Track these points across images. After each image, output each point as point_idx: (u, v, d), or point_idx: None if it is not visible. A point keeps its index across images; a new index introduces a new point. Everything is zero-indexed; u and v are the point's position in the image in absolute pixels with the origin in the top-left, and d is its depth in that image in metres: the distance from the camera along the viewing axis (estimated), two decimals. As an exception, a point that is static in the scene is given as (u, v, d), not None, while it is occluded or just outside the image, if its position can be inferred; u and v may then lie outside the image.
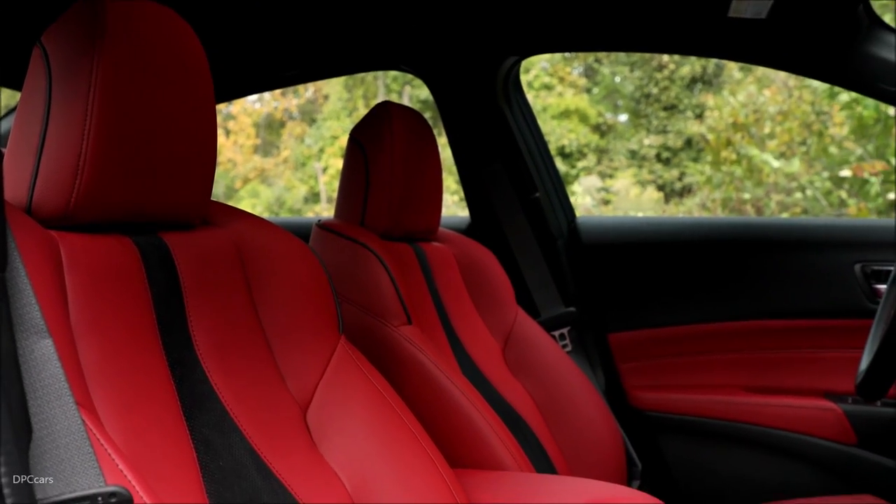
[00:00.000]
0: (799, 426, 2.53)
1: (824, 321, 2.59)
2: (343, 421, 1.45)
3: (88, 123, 1.18)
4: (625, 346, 2.77)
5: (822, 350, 2.60)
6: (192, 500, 1.15)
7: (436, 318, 2.09)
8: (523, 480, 1.77)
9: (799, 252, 2.66)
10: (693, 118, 12.59)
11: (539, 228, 2.80)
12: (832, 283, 2.59)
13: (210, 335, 1.33)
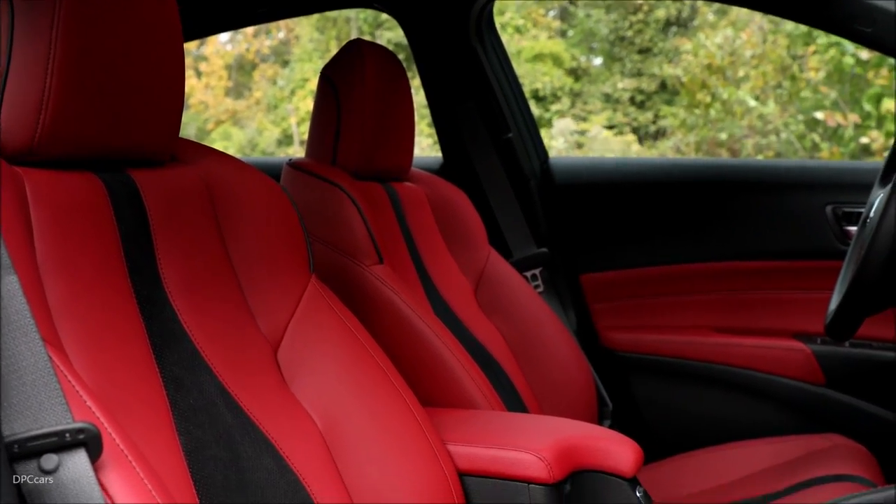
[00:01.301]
0: (768, 366, 2.55)
1: (795, 262, 2.60)
2: (314, 359, 1.45)
3: (52, 59, 1.15)
4: (596, 287, 2.78)
5: (793, 291, 2.61)
6: (162, 437, 1.15)
7: (407, 257, 2.08)
8: (494, 419, 1.78)
9: (771, 193, 2.67)
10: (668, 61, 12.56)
11: (511, 169, 2.79)
12: (803, 225, 2.60)
13: (179, 273, 1.32)
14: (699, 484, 2.17)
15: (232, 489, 1.20)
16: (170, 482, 1.08)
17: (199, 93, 14.31)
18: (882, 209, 1.60)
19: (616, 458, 1.64)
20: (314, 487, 1.32)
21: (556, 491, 1.56)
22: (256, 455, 1.27)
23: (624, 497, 1.65)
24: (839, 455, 2.11)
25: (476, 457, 1.58)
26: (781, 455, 2.20)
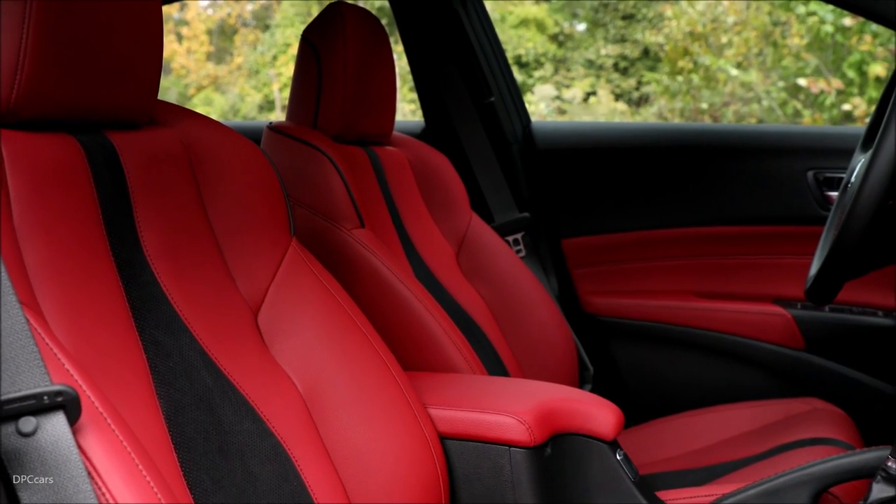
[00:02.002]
0: (749, 331, 2.56)
1: (776, 228, 2.61)
2: (295, 323, 1.45)
3: (28, 18, 1.14)
4: (578, 252, 2.78)
5: (774, 256, 2.62)
6: (141, 400, 1.14)
7: (389, 221, 2.07)
8: (476, 382, 1.78)
9: (752, 159, 2.67)
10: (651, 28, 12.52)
11: (494, 133, 2.78)
12: (785, 190, 2.60)
13: (158, 236, 1.31)
14: (679, 447, 2.18)
15: (212, 452, 1.20)
16: (149, 445, 1.08)
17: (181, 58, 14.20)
18: (863, 174, 1.60)
19: (597, 422, 1.65)
20: (295, 451, 1.32)
21: (537, 454, 1.57)
22: (237, 418, 1.27)
23: (604, 460, 1.65)
24: (818, 418, 2.12)
25: (457, 420, 1.58)
26: (761, 419, 2.21)
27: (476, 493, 1.58)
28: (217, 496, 1.16)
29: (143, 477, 0.96)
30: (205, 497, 1.15)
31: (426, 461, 1.49)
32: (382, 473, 1.42)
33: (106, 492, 0.92)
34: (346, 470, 1.39)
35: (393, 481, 1.42)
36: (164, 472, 1.06)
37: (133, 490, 0.95)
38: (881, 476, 1.48)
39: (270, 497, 1.24)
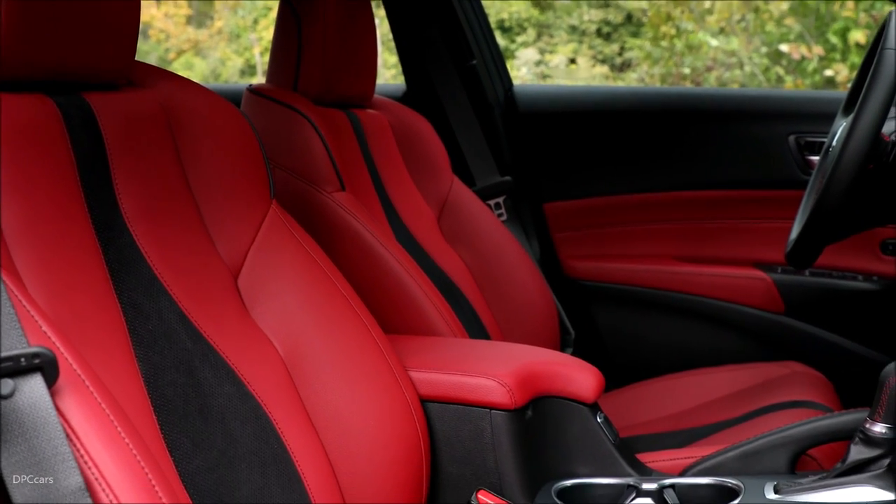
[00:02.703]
0: (729, 295, 2.57)
1: (757, 192, 2.61)
2: (275, 286, 1.44)
3: (2, -23, 1.12)
4: (560, 216, 2.78)
5: (755, 220, 2.63)
6: (120, 363, 1.14)
7: (370, 185, 2.06)
8: (457, 345, 1.78)
9: (734, 123, 2.67)
10: (634, -8, 12.47)
11: (475, 96, 2.77)
12: (766, 154, 2.60)
13: (137, 199, 1.30)
14: (659, 410, 2.19)
15: (192, 415, 1.20)
16: (128, 407, 1.07)
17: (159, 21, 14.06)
18: (844, 138, 1.60)
19: (577, 385, 1.66)
20: (275, 413, 1.32)
21: (518, 416, 1.58)
22: (217, 381, 1.27)
23: (585, 422, 1.66)
24: (797, 382, 2.14)
25: (438, 383, 1.58)
26: (740, 382, 2.22)
27: (457, 455, 1.58)
28: (197, 458, 1.16)
29: (122, 439, 0.96)
30: (185, 459, 1.14)
31: (407, 424, 1.49)
32: (363, 436, 1.42)
33: (84, 454, 0.92)
34: (326, 432, 1.39)
35: (374, 443, 1.42)
36: (144, 434, 1.06)
37: (112, 452, 0.94)
38: (859, 438, 1.49)
39: (251, 459, 1.24)
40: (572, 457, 1.67)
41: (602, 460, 1.66)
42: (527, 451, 1.60)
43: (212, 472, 1.17)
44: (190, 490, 1.12)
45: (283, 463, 1.29)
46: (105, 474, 0.92)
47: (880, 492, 1.47)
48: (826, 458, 1.72)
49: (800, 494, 1.51)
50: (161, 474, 0.98)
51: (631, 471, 1.66)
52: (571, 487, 1.64)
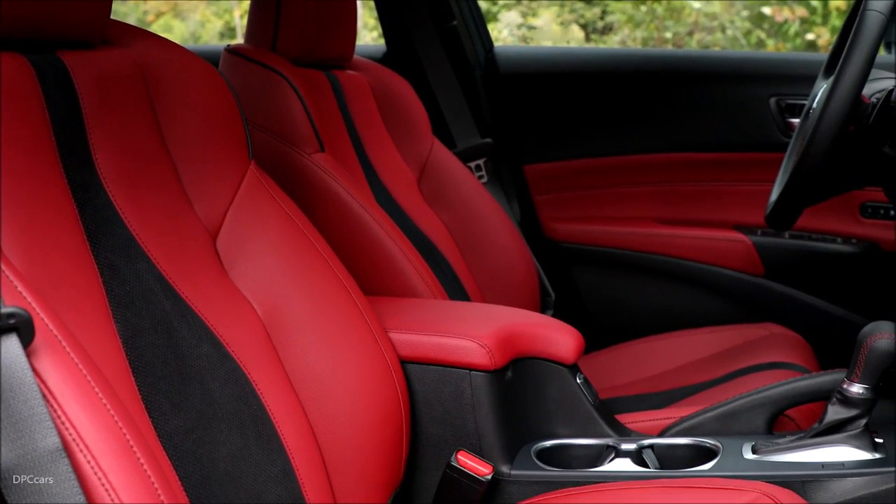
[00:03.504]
0: (709, 257, 2.58)
1: (738, 154, 2.61)
2: (254, 247, 1.43)
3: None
4: (540, 178, 2.78)
5: (735, 183, 2.63)
6: (97, 324, 1.13)
7: (349, 146, 2.05)
8: (436, 307, 1.78)
9: (715, 85, 2.67)
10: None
11: (456, 58, 2.76)
12: (747, 117, 2.60)
13: (113, 159, 1.28)
14: (639, 372, 2.20)
15: (171, 376, 1.19)
16: (106, 369, 1.07)
17: (137, -18, 13.92)
18: (824, 100, 1.60)
19: (557, 346, 1.66)
20: (254, 374, 1.32)
21: (498, 377, 1.58)
22: (195, 342, 1.26)
23: (564, 384, 1.67)
24: (776, 343, 2.15)
25: (418, 344, 1.58)
26: (720, 344, 2.23)
27: (437, 416, 1.58)
28: (175, 419, 1.16)
29: (100, 399, 0.96)
30: (163, 420, 1.14)
31: (387, 385, 1.49)
32: (342, 397, 1.42)
33: (62, 414, 0.92)
34: (306, 393, 1.39)
35: (353, 404, 1.42)
36: (122, 395, 1.05)
37: (89, 413, 0.94)
38: (836, 398, 1.50)
39: (230, 420, 1.24)
40: (552, 418, 1.68)
41: (581, 421, 1.67)
42: (506, 412, 1.60)
43: (190, 433, 1.17)
44: (168, 451, 1.12)
45: (262, 424, 1.29)
46: (82, 435, 0.92)
47: (857, 451, 1.49)
48: (804, 419, 1.73)
49: (777, 454, 1.52)
50: (139, 435, 0.98)
51: (610, 431, 1.67)
52: (551, 448, 1.65)
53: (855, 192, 2.46)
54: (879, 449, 1.50)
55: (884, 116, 1.64)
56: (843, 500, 1.43)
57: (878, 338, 1.45)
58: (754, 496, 1.32)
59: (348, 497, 1.40)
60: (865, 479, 1.44)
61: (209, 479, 1.16)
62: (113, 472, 0.92)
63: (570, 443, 1.66)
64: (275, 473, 1.27)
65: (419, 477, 1.62)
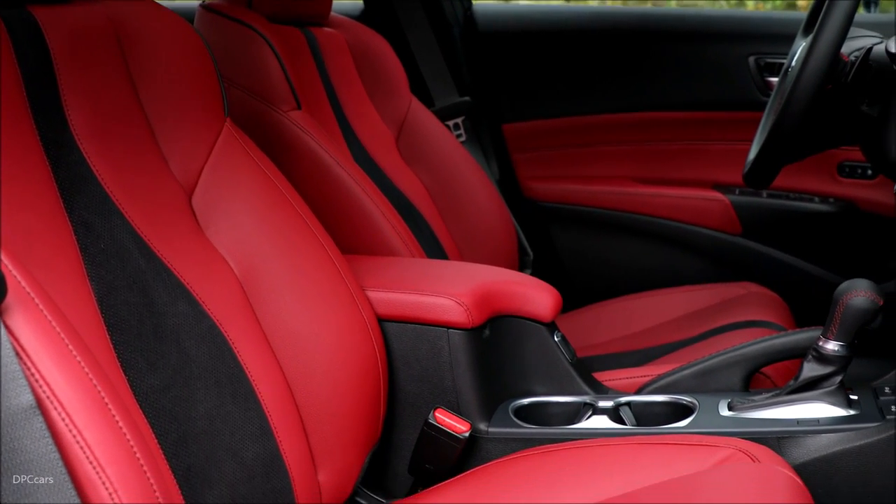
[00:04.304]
0: (687, 216, 2.58)
1: (717, 113, 2.61)
2: (230, 205, 1.42)
3: None
4: (519, 137, 2.77)
5: (714, 142, 2.63)
6: (71, 282, 1.12)
7: (327, 104, 2.04)
8: (414, 265, 1.77)
9: (694, 44, 2.66)
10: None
11: (434, 15, 2.73)
12: (726, 76, 2.60)
13: (87, 116, 1.27)
14: (617, 331, 2.21)
15: (146, 334, 1.18)
16: (81, 326, 1.06)
17: (113, -61, 13.74)
18: (803, 58, 1.59)
19: (535, 304, 1.66)
20: (231, 333, 1.31)
21: (475, 335, 1.58)
22: (171, 300, 1.25)
23: (542, 341, 1.67)
24: (753, 302, 2.16)
25: (395, 302, 1.58)
26: (697, 302, 2.24)
27: (414, 374, 1.58)
28: (152, 377, 1.15)
29: (74, 357, 0.95)
30: (139, 378, 1.13)
31: (364, 343, 1.48)
32: (320, 355, 1.41)
33: (35, 371, 0.91)
34: (283, 352, 1.39)
35: (330, 363, 1.42)
36: (97, 353, 1.04)
37: (64, 370, 0.93)
38: (812, 356, 1.51)
39: (206, 378, 1.23)
40: (529, 375, 1.68)
41: (559, 379, 1.67)
42: (484, 370, 1.60)
43: (167, 390, 1.17)
44: (145, 409, 1.12)
45: (239, 382, 1.28)
46: (56, 392, 0.91)
47: (832, 408, 1.50)
48: (779, 376, 1.74)
49: (753, 411, 1.53)
50: (114, 392, 0.97)
51: (587, 389, 1.67)
52: (528, 405, 1.66)
53: (833, 152, 2.46)
54: (854, 405, 1.51)
55: (862, 75, 1.64)
56: (817, 455, 1.44)
57: (854, 295, 1.46)
58: (730, 452, 1.33)
59: (326, 454, 1.40)
60: (840, 435, 1.45)
61: (186, 437, 1.16)
62: (88, 429, 0.92)
63: (548, 400, 1.67)
64: (252, 431, 1.27)
65: (397, 434, 1.63)
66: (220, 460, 1.20)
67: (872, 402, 1.52)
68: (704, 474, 1.30)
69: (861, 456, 1.43)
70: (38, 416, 0.88)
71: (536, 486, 1.37)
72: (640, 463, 1.36)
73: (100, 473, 0.91)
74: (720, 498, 1.22)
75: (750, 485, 1.25)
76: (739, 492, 1.24)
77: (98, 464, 0.91)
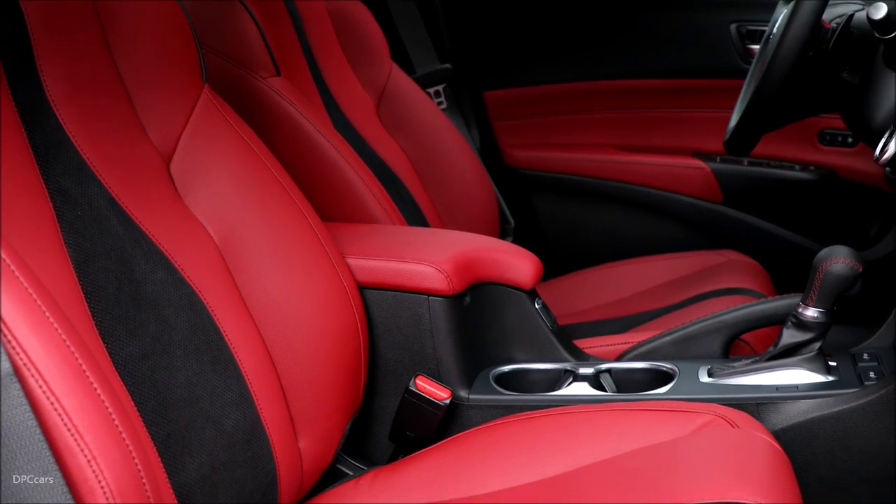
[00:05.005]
0: (668, 184, 2.58)
1: (698, 81, 2.60)
2: (208, 172, 1.41)
3: None
4: (500, 104, 2.76)
5: (695, 109, 2.62)
6: (48, 249, 1.11)
7: (306, 71, 2.02)
8: (395, 233, 1.77)
9: (676, 11, 2.64)
10: None
11: (414, -20, 2.72)
12: (708, 43, 2.58)
13: (63, 82, 1.25)
14: (598, 298, 2.21)
15: (125, 302, 1.18)
16: (58, 294, 1.05)
17: None
18: (784, 25, 1.59)
19: (515, 271, 1.66)
20: (210, 300, 1.31)
21: (456, 302, 1.58)
22: (150, 268, 1.24)
23: (523, 309, 1.67)
24: (733, 269, 2.16)
25: (376, 269, 1.57)
26: (678, 270, 2.24)
27: (395, 341, 1.58)
28: (130, 345, 1.15)
29: (51, 324, 0.94)
30: (117, 346, 1.13)
31: (345, 310, 1.48)
32: (300, 322, 1.41)
33: (11, 339, 0.90)
34: (263, 319, 1.38)
35: (311, 330, 1.42)
36: (75, 321, 1.04)
37: (41, 338, 0.93)
38: (791, 322, 1.52)
39: (186, 346, 1.23)
40: (510, 343, 1.68)
41: (540, 346, 1.68)
42: (465, 337, 1.60)
43: (146, 358, 1.16)
44: (123, 376, 1.11)
45: (218, 349, 1.28)
46: (34, 359, 0.91)
47: (811, 374, 1.51)
48: (759, 343, 1.75)
49: (732, 377, 1.54)
50: (92, 360, 0.97)
51: (568, 356, 1.68)
52: (509, 372, 1.66)
53: (813, 120, 2.46)
54: (832, 372, 1.52)
55: (843, 42, 1.63)
56: (796, 421, 1.45)
57: (834, 262, 1.46)
58: (709, 418, 1.33)
59: (307, 421, 1.40)
60: (818, 401, 1.46)
61: (165, 405, 1.16)
62: (66, 397, 0.91)
63: (529, 367, 1.67)
64: (232, 398, 1.27)
65: (378, 402, 1.63)
66: (200, 428, 1.20)
67: (851, 369, 1.53)
68: (684, 440, 1.30)
69: (839, 421, 1.44)
70: (16, 384, 0.87)
71: (517, 453, 1.37)
72: (620, 429, 1.36)
73: (78, 440, 0.90)
74: (700, 463, 1.23)
75: (729, 450, 1.26)
76: (718, 457, 1.24)
77: (76, 431, 0.91)
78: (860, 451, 1.44)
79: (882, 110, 1.56)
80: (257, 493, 1.27)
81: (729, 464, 1.22)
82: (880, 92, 1.57)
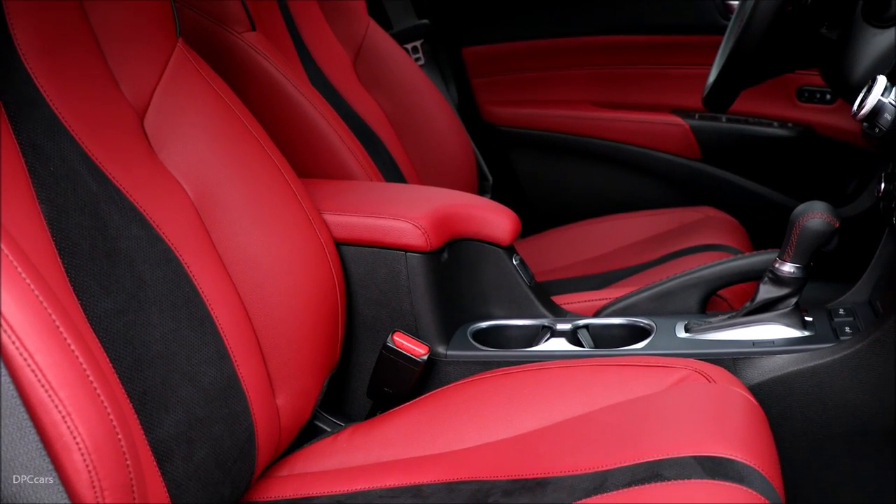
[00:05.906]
0: (647, 141, 2.58)
1: (677, 37, 2.59)
2: (183, 127, 1.39)
3: None
4: (478, 60, 2.74)
5: (674, 66, 2.61)
6: (20, 205, 1.09)
7: (282, 26, 2.00)
8: (372, 189, 1.76)
9: (655, -34, 2.63)
10: None
11: (392, -65, 2.69)
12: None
13: (33, 34, 1.23)
14: (576, 255, 2.21)
15: (99, 258, 1.16)
16: (30, 250, 1.04)
17: None
18: (764, -21, 1.58)
19: (493, 227, 1.65)
20: (186, 257, 1.29)
21: (434, 258, 1.57)
22: (124, 224, 1.23)
23: (500, 265, 1.67)
24: (711, 226, 2.17)
25: (353, 225, 1.57)
26: (656, 227, 2.25)
27: (372, 297, 1.58)
28: (105, 302, 1.14)
29: (23, 280, 0.93)
30: (92, 302, 1.12)
31: (321, 266, 1.48)
32: (276, 279, 1.40)
33: (-17, 295, 0.89)
34: (239, 276, 1.37)
35: (287, 286, 1.41)
36: (48, 277, 1.03)
37: (13, 294, 0.92)
38: (768, 278, 1.52)
39: (161, 302, 1.22)
40: (488, 299, 1.68)
41: (517, 302, 1.68)
42: (442, 294, 1.60)
43: (121, 315, 1.15)
44: (98, 333, 1.10)
45: (194, 306, 1.27)
46: (6, 315, 0.90)
47: (787, 329, 1.52)
48: (736, 299, 1.76)
49: (709, 332, 1.54)
50: (66, 316, 0.96)
51: (546, 312, 1.68)
52: (487, 329, 1.66)
53: (792, 77, 2.46)
54: (809, 327, 1.53)
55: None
56: (772, 376, 1.46)
57: (810, 217, 1.46)
58: (686, 373, 1.34)
59: (284, 378, 1.40)
60: (794, 356, 1.47)
61: (141, 362, 1.15)
62: (39, 353, 0.90)
63: (506, 323, 1.67)
64: (208, 355, 1.26)
65: (355, 358, 1.63)
66: (177, 384, 1.19)
67: (827, 324, 1.54)
68: (661, 395, 1.31)
69: (815, 376, 1.45)
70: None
71: (495, 408, 1.38)
72: (598, 384, 1.37)
73: (52, 397, 0.90)
74: (676, 418, 1.23)
75: (706, 405, 1.27)
76: (695, 412, 1.25)
77: (50, 387, 0.90)
78: (835, 406, 1.45)
79: (860, 66, 1.56)
80: (235, 449, 1.27)
81: (705, 418, 1.23)
82: (859, 48, 1.57)
